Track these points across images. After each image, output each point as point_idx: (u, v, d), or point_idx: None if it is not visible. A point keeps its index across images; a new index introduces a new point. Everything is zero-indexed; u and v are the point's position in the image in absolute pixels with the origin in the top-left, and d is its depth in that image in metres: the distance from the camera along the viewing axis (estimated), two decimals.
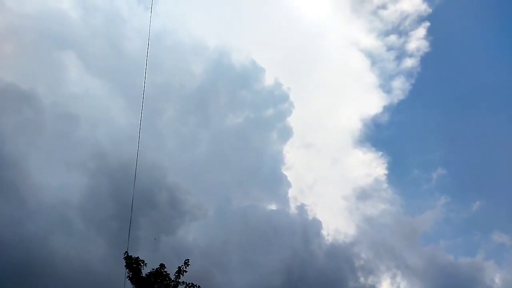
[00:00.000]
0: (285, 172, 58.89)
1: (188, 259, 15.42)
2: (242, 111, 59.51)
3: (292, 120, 68.14)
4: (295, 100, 64.95)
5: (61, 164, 40.33)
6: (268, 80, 71.14)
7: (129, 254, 15.23)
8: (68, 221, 36.17)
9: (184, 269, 15.26)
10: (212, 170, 53.98)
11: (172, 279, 15.10)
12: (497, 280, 41.12)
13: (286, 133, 62.48)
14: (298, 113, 65.47)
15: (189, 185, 45.24)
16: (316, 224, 46.58)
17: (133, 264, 15.01)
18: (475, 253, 51.25)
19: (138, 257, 15.20)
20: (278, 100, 59.55)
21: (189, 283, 14.87)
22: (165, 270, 15.29)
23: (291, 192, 56.47)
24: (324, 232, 55.92)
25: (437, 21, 62.65)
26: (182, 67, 56.55)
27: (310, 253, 42.90)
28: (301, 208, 50.16)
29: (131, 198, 18.18)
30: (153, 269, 15.16)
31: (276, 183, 54.39)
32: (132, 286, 14.99)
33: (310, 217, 47.76)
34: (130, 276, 14.98)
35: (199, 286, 14.91)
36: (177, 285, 14.85)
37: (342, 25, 70.00)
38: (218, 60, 58.70)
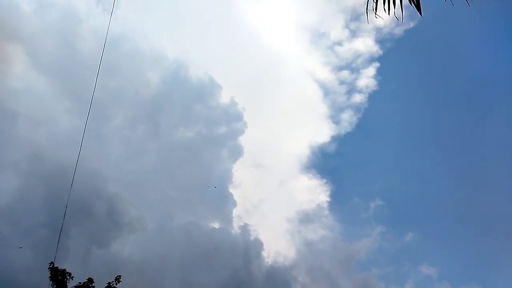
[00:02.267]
0: (232, 191, 58.73)
1: (120, 275, 14.67)
2: (195, 125, 59.04)
3: (244, 140, 68.68)
4: (248, 121, 65.69)
5: None
6: (224, 97, 71.43)
7: (55, 266, 14.23)
8: None
9: (114, 285, 14.48)
10: (157, 182, 52.51)
11: None
12: None
13: (236, 152, 62.65)
14: (250, 134, 66.25)
15: (130, 196, 43.58)
16: (257, 245, 46.58)
17: (58, 276, 14.02)
18: (404, 282, 53.55)
19: (64, 269, 14.24)
20: (232, 118, 59.91)
21: None
22: (93, 285, 14.42)
23: (236, 211, 56.25)
24: (264, 253, 56.05)
25: (386, 62, 67.45)
26: (138, 75, 55.36)
27: (249, 274, 42.63)
28: (244, 228, 50.03)
29: (65, 205, 17.11)
30: (79, 283, 14.23)
31: (221, 201, 53.99)
32: None
33: (252, 237, 47.74)
34: None
35: None
36: None
37: (300, 55, 72.77)
38: (176, 71, 58.22)
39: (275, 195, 65.78)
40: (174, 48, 70.59)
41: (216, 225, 50.92)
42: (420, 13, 3.56)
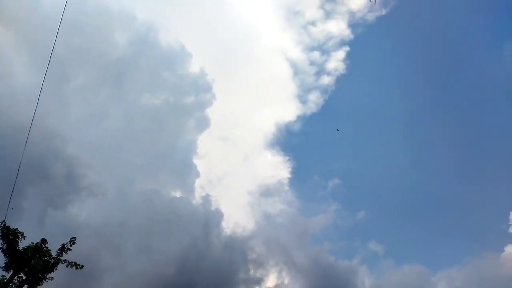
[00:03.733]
0: (195, 162, 58.57)
1: (74, 237, 14.48)
2: (162, 93, 57.70)
3: (211, 112, 68.06)
4: (217, 93, 64.95)
5: None
6: (194, 67, 70.03)
7: (7, 225, 13.83)
8: None
9: (69, 247, 14.29)
10: (118, 148, 51.38)
11: (53, 256, 14.06)
12: (366, 284, 46.05)
13: (203, 124, 62.11)
14: (218, 106, 65.76)
15: (90, 160, 42.49)
16: (218, 215, 47.27)
17: (9, 235, 13.66)
18: (353, 257, 56.82)
19: (17, 229, 13.86)
20: (201, 89, 58.97)
21: (71, 262, 13.97)
22: (46, 246, 14.16)
23: (199, 182, 56.50)
24: (224, 223, 56.98)
25: (356, 47, 68.44)
26: (104, 34, 52.78)
27: (208, 243, 43.37)
28: (206, 198, 50.42)
29: (19, 163, 16.46)
30: (32, 243, 13.94)
31: (185, 171, 53.86)
32: (5, 259, 13.65)
33: (213, 208, 48.35)
34: (4, 248, 13.61)
35: (82, 266, 14.08)
36: (58, 263, 13.86)
37: (274, 32, 72.17)
38: (145, 34, 56.13)
39: (239, 169, 66.50)
40: (144, 9, 67.91)
41: (177, 194, 51.00)
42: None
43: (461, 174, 66.64)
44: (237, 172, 66.22)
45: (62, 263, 13.96)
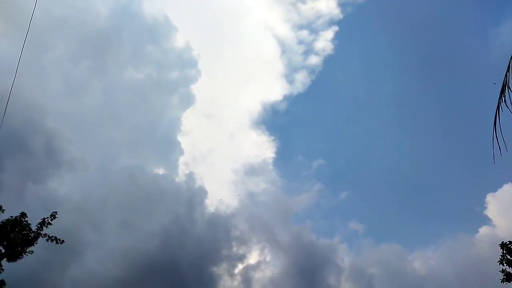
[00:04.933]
0: (179, 139, 57.92)
1: (55, 212, 14.06)
2: (145, 67, 56.33)
3: (196, 88, 67.07)
4: (203, 69, 63.91)
5: None
6: (179, 41, 68.27)
7: None
8: None
9: (49, 221, 13.89)
10: (100, 122, 50.33)
11: (34, 230, 13.67)
12: (345, 261, 47.21)
13: (188, 100, 61.21)
14: (203, 83, 64.75)
15: (71, 134, 41.57)
16: (201, 193, 47.21)
17: None
18: (333, 236, 57.96)
19: None
20: (186, 64, 57.77)
21: (52, 236, 13.62)
22: (26, 219, 13.74)
23: (183, 159, 56.03)
24: (208, 201, 57.15)
25: (345, 27, 67.70)
26: (85, 3, 50.82)
27: (191, 220, 43.42)
28: (190, 175, 50.21)
29: None
30: (11, 216, 13.49)
31: (168, 148, 53.28)
32: None
33: (197, 186, 48.19)
34: None
35: (63, 241, 13.74)
36: (38, 237, 13.49)
37: (262, 9, 70.59)
38: (128, 5, 54.29)
39: (223, 147, 66.23)
40: None
41: (161, 171, 50.56)
42: None
43: (440, 157, 68.04)
44: (222, 150, 66.03)
45: (42, 237, 13.58)
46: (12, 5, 42.10)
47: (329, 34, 64.14)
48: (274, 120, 67.47)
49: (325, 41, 63.96)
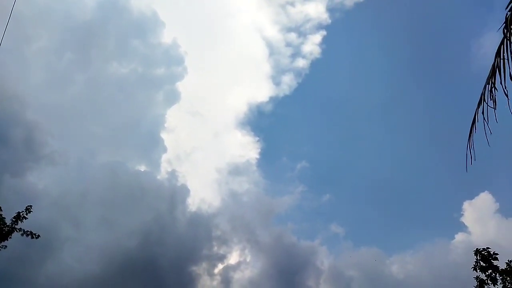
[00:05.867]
0: (163, 136, 57.48)
1: (30, 205, 13.72)
2: (130, 62, 55.56)
3: (182, 86, 66.65)
4: (189, 66, 63.51)
5: None
6: (166, 37, 67.90)
7: None
8: None
9: (25, 215, 13.55)
10: (82, 116, 49.51)
11: (8, 224, 13.32)
12: (325, 264, 47.58)
13: (173, 97, 60.81)
14: (189, 80, 64.32)
15: (52, 127, 40.76)
16: (183, 191, 46.85)
17: None
18: (314, 238, 58.40)
19: None
20: (172, 61, 57.26)
21: (27, 231, 13.29)
22: (0, 213, 13.37)
23: (166, 157, 55.56)
24: (190, 200, 56.83)
25: (332, 32, 68.35)
26: None
27: (172, 219, 43.03)
28: (172, 173, 49.80)
29: None
30: None
31: (151, 144, 52.70)
32: None
33: (180, 184, 47.83)
34: None
35: (38, 236, 13.43)
36: (12, 231, 13.14)
37: (251, 9, 70.68)
38: None
39: (208, 145, 65.96)
40: None
41: (142, 168, 50.00)
42: None
43: (421, 164, 69.25)
44: (206, 148, 65.76)
45: (17, 231, 13.25)
46: None
47: (317, 38, 64.65)
48: (259, 121, 67.64)
49: (312, 45, 64.44)
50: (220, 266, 43.54)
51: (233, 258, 49.10)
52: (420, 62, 73.49)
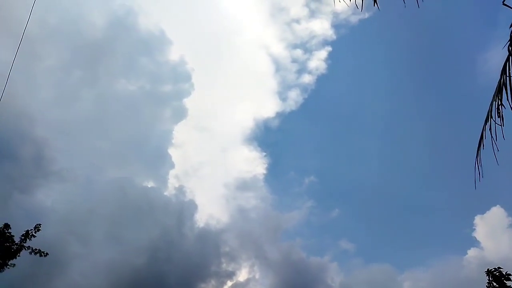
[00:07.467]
0: (170, 152, 57.70)
1: (39, 224, 13.81)
2: (138, 79, 56.41)
3: (189, 102, 67.25)
4: (196, 83, 64.16)
5: None
6: (174, 55, 68.77)
7: None
8: None
9: (33, 233, 13.63)
10: (90, 133, 50.02)
11: (17, 242, 13.38)
12: (336, 280, 46.72)
13: (180, 113, 61.31)
14: (197, 97, 64.92)
15: (60, 143, 41.21)
16: (191, 207, 46.80)
17: None
18: (324, 254, 57.65)
19: None
20: (180, 78, 57.98)
21: (35, 249, 13.34)
22: (9, 231, 13.46)
23: (173, 172, 55.72)
24: (198, 215, 56.66)
25: (338, 48, 68.97)
26: (80, 14, 50.98)
27: (180, 234, 42.87)
28: (180, 189, 49.89)
29: None
30: None
31: (159, 160, 53.00)
32: None
33: (187, 199, 47.78)
34: None
35: (47, 254, 13.47)
36: (21, 249, 13.20)
37: (258, 27, 71.66)
38: (124, 17, 54.51)
39: (215, 161, 66.06)
40: None
41: (150, 184, 50.14)
42: (378, 7, 3.46)
43: (431, 179, 68.47)
44: (214, 164, 65.83)
45: (25, 250, 13.30)
46: (7, 13, 42.09)
47: (323, 54, 65.16)
48: (266, 136, 67.79)
49: (318, 61, 64.91)
50: (229, 283, 43.12)
51: (242, 275, 48.48)
52: (425, 77, 73.55)
